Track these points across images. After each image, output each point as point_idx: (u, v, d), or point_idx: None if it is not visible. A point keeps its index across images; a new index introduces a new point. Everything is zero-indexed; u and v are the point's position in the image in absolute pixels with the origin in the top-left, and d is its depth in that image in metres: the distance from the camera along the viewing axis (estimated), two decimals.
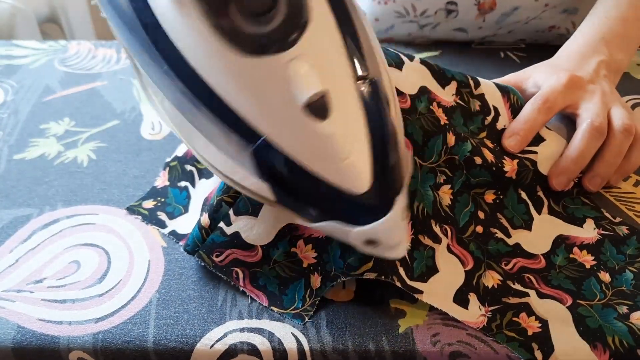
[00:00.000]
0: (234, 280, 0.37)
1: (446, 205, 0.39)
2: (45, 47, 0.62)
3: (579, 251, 0.40)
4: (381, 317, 0.36)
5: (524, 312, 0.36)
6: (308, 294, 0.36)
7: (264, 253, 0.37)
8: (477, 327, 0.35)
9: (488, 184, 0.41)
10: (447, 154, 0.39)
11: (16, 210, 0.43)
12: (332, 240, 0.36)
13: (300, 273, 0.37)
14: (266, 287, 0.37)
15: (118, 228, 0.41)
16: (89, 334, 0.35)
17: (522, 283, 0.38)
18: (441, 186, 0.39)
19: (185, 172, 0.44)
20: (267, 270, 0.37)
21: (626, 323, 0.35)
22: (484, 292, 0.37)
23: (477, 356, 0.34)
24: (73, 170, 0.46)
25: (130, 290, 0.37)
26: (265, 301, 0.36)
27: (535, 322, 0.35)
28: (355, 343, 0.34)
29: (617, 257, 0.39)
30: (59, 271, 0.38)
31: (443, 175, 0.39)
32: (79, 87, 0.56)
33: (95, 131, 0.50)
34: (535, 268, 0.39)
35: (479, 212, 0.40)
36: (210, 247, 0.37)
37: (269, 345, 0.34)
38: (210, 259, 0.37)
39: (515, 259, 0.39)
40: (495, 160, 0.41)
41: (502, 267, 0.39)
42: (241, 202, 0.37)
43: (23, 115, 0.52)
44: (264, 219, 0.37)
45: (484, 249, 0.39)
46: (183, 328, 0.35)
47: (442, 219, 0.38)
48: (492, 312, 0.36)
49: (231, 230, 0.37)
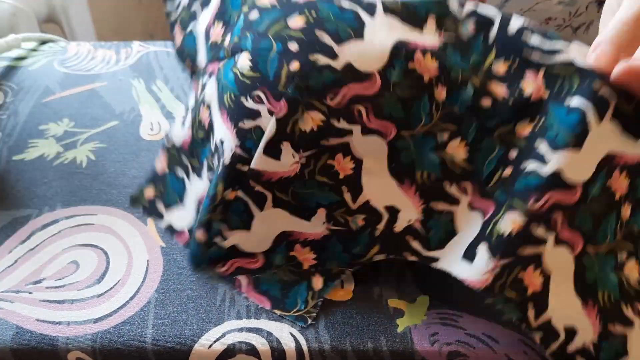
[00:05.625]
0: (237, 287, 0.37)
1: (462, 159, 0.34)
2: (44, 48, 0.62)
3: (618, 174, 0.32)
4: (379, 317, 0.36)
5: (532, 265, 0.31)
6: (310, 295, 0.36)
7: (266, 259, 0.37)
8: (480, 287, 0.30)
9: (512, 117, 0.33)
10: (440, 109, 0.34)
11: (15, 211, 0.43)
12: (331, 239, 0.36)
13: (301, 275, 0.37)
14: (269, 292, 0.37)
15: (117, 228, 0.41)
16: (87, 334, 0.35)
17: (547, 225, 0.31)
18: (447, 143, 0.34)
19: (182, 164, 0.43)
20: (269, 275, 0.37)
21: (618, 274, 0.32)
22: (496, 242, 0.31)
23: (476, 356, 0.34)
24: (72, 170, 0.46)
25: (128, 291, 0.37)
26: (268, 305, 0.36)
27: (538, 277, 0.31)
28: (354, 343, 0.34)
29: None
30: (58, 272, 0.38)
31: (446, 132, 0.34)
32: (78, 88, 0.56)
33: (95, 132, 0.50)
34: (568, 203, 0.31)
35: (510, 152, 0.33)
36: (212, 262, 0.38)
37: (267, 345, 0.34)
38: (214, 272, 0.38)
39: (549, 192, 0.31)
40: (508, 92, 0.33)
41: (528, 205, 0.31)
42: (232, 219, 0.36)
43: (22, 117, 0.52)
44: (257, 231, 0.36)
45: (509, 189, 0.32)
46: (181, 328, 0.35)
47: (458, 177, 0.34)
48: (501, 268, 0.30)
49: (229, 243, 0.37)
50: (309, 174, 0.34)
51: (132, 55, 0.60)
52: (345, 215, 0.35)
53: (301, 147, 0.33)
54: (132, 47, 0.61)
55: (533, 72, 0.33)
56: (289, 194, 0.35)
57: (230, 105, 0.35)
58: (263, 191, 0.35)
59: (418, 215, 0.34)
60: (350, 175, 0.34)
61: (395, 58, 0.33)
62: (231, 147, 0.35)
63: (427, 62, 0.34)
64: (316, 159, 0.34)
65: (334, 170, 0.34)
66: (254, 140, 0.34)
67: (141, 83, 0.56)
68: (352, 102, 0.33)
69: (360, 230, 0.35)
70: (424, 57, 0.34)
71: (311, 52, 0.33)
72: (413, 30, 0.34)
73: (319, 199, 0.35)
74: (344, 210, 0.35)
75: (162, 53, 0.60)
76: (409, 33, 0.34)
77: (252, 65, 0.34)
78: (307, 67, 0.32)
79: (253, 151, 0.34)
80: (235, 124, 0.35)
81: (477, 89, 0.34)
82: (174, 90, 0.55)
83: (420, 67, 0.34)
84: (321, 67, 0.32)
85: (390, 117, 0.34)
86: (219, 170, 0.35)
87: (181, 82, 0.56)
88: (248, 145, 0.34)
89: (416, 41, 0.34)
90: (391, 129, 0.34)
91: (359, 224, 0.35)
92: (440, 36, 0.35)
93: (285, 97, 0.33)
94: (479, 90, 0.34)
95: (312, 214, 0.35)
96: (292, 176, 0.34)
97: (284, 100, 0.33)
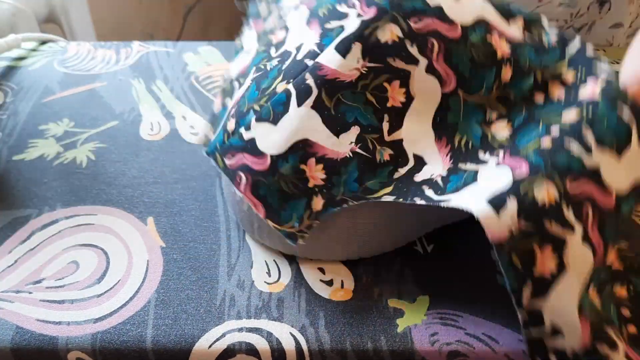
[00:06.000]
0: (236, 184, 0.36)
1: (505, 138, 0.36)
2: (44, 48, 0.62)
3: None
4: (379, 317, 0.36)
5: (551, 247, 0.30)
6: (307, 215, 0.35)
7: (272, 164, 0.36)
8: (494, 240, 0.30)
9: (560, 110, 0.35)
10: (500, 89, 0.37)
11: (15, 211, 0.43)
12: (350, 163, 0.35)
13: (303, 191, 0.36)
14: (266, 199, 0.36)
15: (117, 228, 0.41)
16: (87, 334, 0.35)
17: (577, 212, 0.31)
18: (493, 122, 0.36)
19: (233, 91, 0.43)
20: (271, 181, 0.36)
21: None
22: (528, 205, 0.30)
23: (476, 356, 0.34)
24: (72, 170, 0.46)
25: (128, 291, 0.37)
26: (262, 212, 0.35)
27: (552, 264, 0.30)
28: (354, 343, 0.34)
29: None
30: (58, 272, 0.38)
31: (495, 112, 0.37)
32: (78, 88, 0.56)
33: (95, 132, 0.50)
34: (601, 205, 0.32)
35: (552, 128, 0.34)
36: (227, 149, 0.37)
37: (267, 345, 0.34)
38: (222, 161, 0.37)
39: (586, 180, 0.32)
40: (565, 95, 0.36)
41: (565, 183, 0.31)
42: (265, 109, 0.36)
43: (22, 117, 0.52)
44: (281, 128, 0.36)
45: (550, 159, 0.32)
46: (181, 328, 0.35)
47: (495, 148, 0.35)
48: (522, 232, 0.30)
49: (249, 135, 0.36)
50: (362, 87, 0.35)
51: (132, 55, 0.60)
52: (376, 143, 0.35)
53: (369, 54, 0.35)
54: (132, 47, 0.61)
55: (594, 80, 0.36)
56: (333, 99, 0.35)
57: (324, 14, 0.38)
58: (312, 86, 0.35)
59: (443, 172, 0.35)
60: (397, 107, 0.36)
61: (478, 25, 0.37)
62: (309, 45, 0.37)
63: (502, 43, 0.37)
64: (375, 75, 0.35)
65: (385, 95, 0.36)
66: (333, 37, 0.36)
67: (141, 83, 0.56)
68: (431, 34, 0.36)
69: (383, 164, 0.35)
70: (501, 39, 0.37)
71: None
72: (501, 20, 0.38)
73: (358, 115, 0.35)
74: (377, 137, 0.35)
75: (162, 53, 0.60)
76: (497, 19, 0.38)
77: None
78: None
79: (326, 47, 0.36)
80: (322, 26, 0.37)
81: (537, 82, 0.37)
82: (174, 90, 0.55)
83: (496, 43, 0.37)
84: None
85: (456, 67, 0.36)
86: (282, 67, 0.37)
87: (181, 82, 0.56)
88: (324, 42, 0.37)
89: (499, 26, 0.38)
90: (452, 79, 0.36)
91: (385, 158, 0.35)
92: (523, 34, 0.39)
93: (377, 5, 0.36)
94: (539, 85, 0.37)
95: (344, 131, 0.35)
96: (346, 82, 0.35)
97: (375, 7, 0.36)
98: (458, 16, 0.37)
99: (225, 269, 0.39)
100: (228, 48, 0.61)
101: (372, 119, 0.35)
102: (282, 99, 0.36)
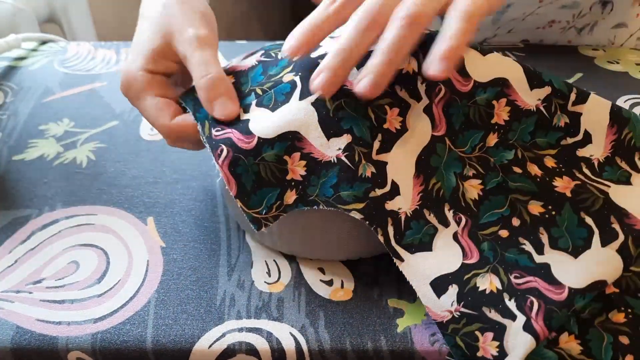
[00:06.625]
0: (216, 156, 0.35)
1: (471, 198, 0.37)
2: (44, 48, 0.62)
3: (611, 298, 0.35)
4: (379, 317, 0.36)
5: (492, 333, 0.33)
6: (277, 205, 0.35)
7: (257, 145, 0.35)
8: (435, 319, 0.33)
9: (532, 193, 0.38)
10: (482, 151, 0.38)
11: (15, 211, 0.43)
12: (332, 168, 0.35)
13: (280, 182, 0.35)
14: (241, 177, 0.35)
15: (117, 228, 0.41)
16: (87, 334, 0.35)
17: (519, 304, 0.33)
18: (469, 179, 0.37)
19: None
20: (251, 162, 0.35)
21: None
22: (468, 292, 0.34)
23: None
24: (72, 170, 0.46)
25: (128, 291, 0.37)
26: (234, 190, 0.35)
27: (494, 348, 0.32)
28: (354, 343, 0.34)
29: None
30: (58, 272, 0.38)
31: (472, 170, 0.38)
32: (78, 88, 0.56)
33: (95, 132, 0.50)
34: (551, 298, 0.33)
35: (513, 219, 0.37)
36: (218, 121, 0.37)
37: (267, 345, 0.34)
38: (210, 130, 0.36)
39: (533, 277, 0.34)
40: (542, 175, 0.38)
41: (510, 277, 0.34)
42: (267, 95, 0.36)
43: (22, 117, 0.52)
44: (277, 116, 0.36)
45: (500, 253, 0.36)
46: (181, 328, 0.35)
47: (460, 208, 0.37)
48: (460, 314, 0.33)
49: (246, 116, 0.36)
50: (366, 101, 0.35)
51: None
52: (362, 157, 0.35)
53: None
54: None
55: (567, 179, 0.38)
56: (335, 103, 0.35)
57: None
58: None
59: (408, 210, 0.36)
60: (392, 132, 0.36)
61: (492, 85, 0.38)
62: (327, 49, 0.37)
63: (504, 111, 0.38)
64: (381, 96, 0.35)
65: (384, 117, 0.36)
66: None
67: None
68: (441, 81, 0.37)
69: (363, 179, 0.35)
70: (507, 106, 0.39)
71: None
72: (526, 84, 0.39)
73: (354, 125, 0.35)
74: (366, 152, 0.35)
75: None
76: (521, 82, 0.39)
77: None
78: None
79: None
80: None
81: (517, 158, 0.38)
82: None
83: (498, 109, 0.38)
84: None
85: (450, 117, 0.37)
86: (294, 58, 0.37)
87: None
88: None
89: (517, 89, 0.39)
90: (443, 127, 0.37)
91: (367, 174, 0.35)
92: (537, 104, 0.39)
93: None
94: (518, 160, 0.38)
95: (336, 135, 0.35)
96: (352, 91, 0.35)
97: None
98: (476, 71, 0.38)
99: (225, 269, 0.39)
100: (228, 48, 0.61)
101: (366, 133, 0.35)
102: (286, 88, 0.36)
